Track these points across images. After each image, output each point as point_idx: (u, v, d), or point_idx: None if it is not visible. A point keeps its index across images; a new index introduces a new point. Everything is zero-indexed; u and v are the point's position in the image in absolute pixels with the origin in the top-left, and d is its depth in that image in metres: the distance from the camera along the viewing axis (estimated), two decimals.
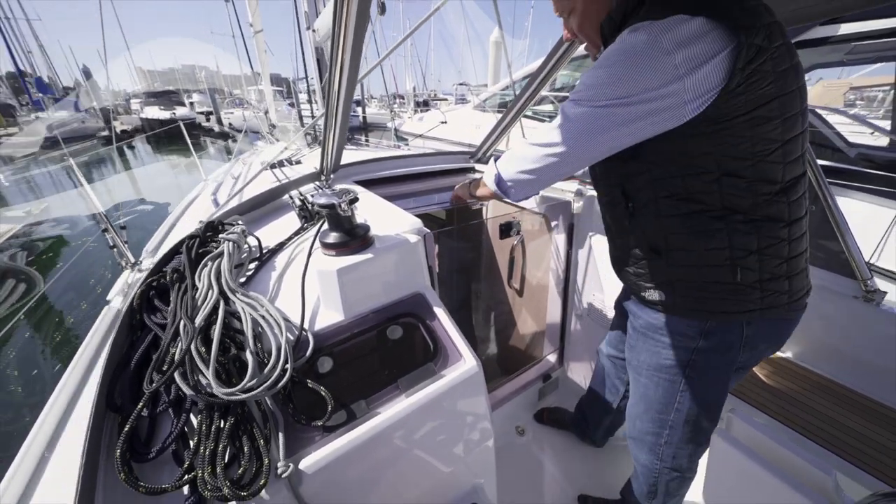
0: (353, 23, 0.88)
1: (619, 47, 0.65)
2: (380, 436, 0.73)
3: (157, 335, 0.74)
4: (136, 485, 0.56)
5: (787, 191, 0.70)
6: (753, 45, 0.60)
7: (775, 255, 0.71)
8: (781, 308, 0.75)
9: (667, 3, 0.63)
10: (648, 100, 0.64)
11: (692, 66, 0.60)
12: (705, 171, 0.68)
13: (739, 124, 0.64)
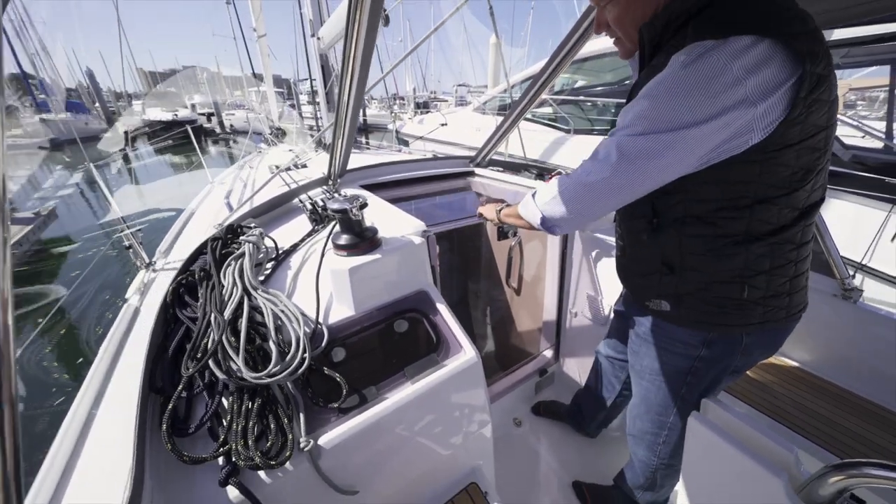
0: (363, 40, 0.97)
1: (686, 75, 0.59)
2: (389, 418, 0.81)
3: (189, 327, 0.82)
4: (180, 455, 0.64)
5: (805, 216, 0.70)
6: (815, 74, 0.58)
7: (782, 274, 0.73)
8: (779, 321, 0.78)
9: (722, 22, 0.59)
10: (719, 128, 0.59)
11: (761, 94, 0.57)
12: (742, 196, 0.67)
13: (788, 154, 0.63)
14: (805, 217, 0.70)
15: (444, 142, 6.52)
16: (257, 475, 0.68)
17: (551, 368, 1.83)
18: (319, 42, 2.68)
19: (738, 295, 0.74)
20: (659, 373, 0.93)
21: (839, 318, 1.36)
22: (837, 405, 1.23)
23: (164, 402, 0.71)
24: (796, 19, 0.59)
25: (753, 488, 0.77)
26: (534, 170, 2.06)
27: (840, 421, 1.16)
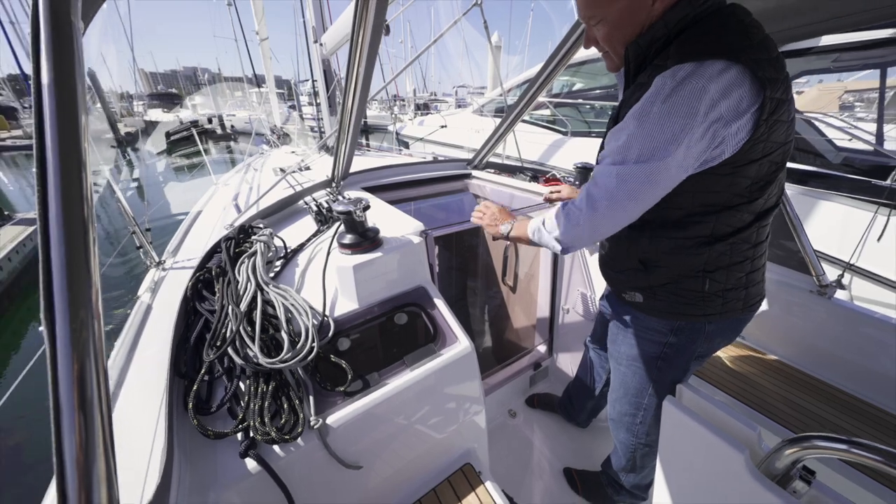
0: (367, 51, 1.05)
1: (670, 103, 0.64)
2: (390, 401, 0.89)
3: (208, 319, 0.90)
4: (205, 430, 0.72)
5: (761, 219, 0.79)
6: (775, 99, 0.65)
7: (739, 270, 0.82)
8: (736, 311, 0.87)
9: (700, 46, 0.65)
10: (702, 145, 0.66)
11: (734, 115, 0.64)
12: (711, 204, 0.75)
13: (752, 167, 0.71)
14: (760, 220, 0.79)
15: (444, 143, 6.60)
16: (272, 449, 0.76)
17: (545, 363, 1.91)
18: (322, 48, 2.76)
19: (700, 288, 0.83)
20: (634, 358, 1.02)
21: (813, 313, 1.44)
22: (806, 391, 1.32)
23: (187, 385, 0.79)
24: (761, 47, 0.66)
25: (720, 463, 0.85)
26: (528, 172, 2.14)
27: (805, 405, 1.24)
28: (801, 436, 0.72)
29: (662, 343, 0.94)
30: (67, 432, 0.35)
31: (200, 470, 0.72)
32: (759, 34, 0.68)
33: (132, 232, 1.87)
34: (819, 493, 0.75)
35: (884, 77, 3.59)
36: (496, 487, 1.03)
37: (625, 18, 0.74)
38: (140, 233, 1.75)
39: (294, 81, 11.73)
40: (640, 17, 0.73)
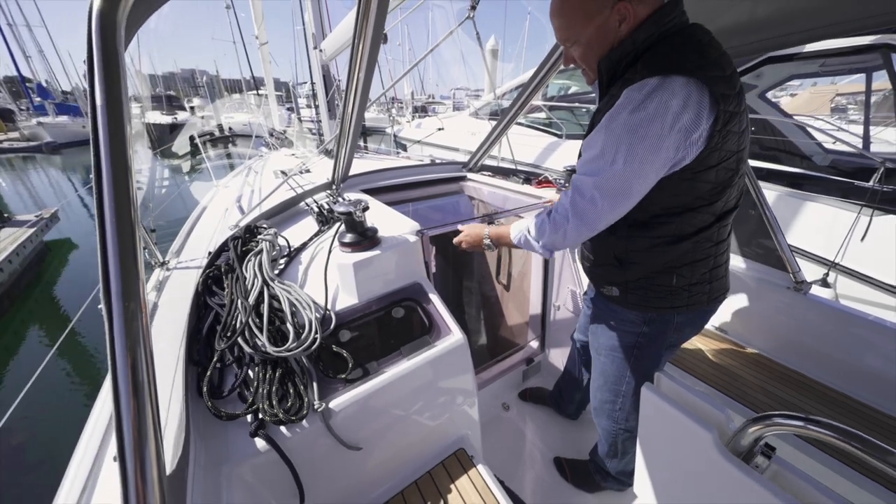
0: (366, 61, 1.12)
1: (637, 117, 0.71)
2: (388, 388, 0.96)
3: (218, 312, 0.97)
4: (218, 412, 0.79)
5: (721, 219, 0.87)
6: (728, 112, 0.73)
7: (702, 266, 0.90)
8: (702, 304, 0.95)
9: (664, 62, 0.72)
10: (668, 152, 0.73)
11: (694, 126, 0.72)
12: (675, 206, 0.83)
13: (710, 173, 0.78)
14: (721, 220, 0.87)
15: (441, 146, 6.69)
16: (279, 430, 0.82)
17: (537, 358, 1.98)
18: (321, 54, 2.84)
19: (669, 283, 0.92)
20: (612, 348, 1.10)
21: (789, 308, 1.52)
22: (780, 380, 1.40)
23: (200, 372, 0.86)
24: (717, 65, 0.74)
25: (691, 444, 0.92)
26: (521, 174, 2.22)
27: (779, 392, 1.33)
28: (762, 415, 0.80)
29: (637, 333, 1.02)
30: (125, 416, 0.42)
31: (213, 448, 0.79)
32: (716, 52, 0.76)
33: None
34: (779, 468, 0.82)
35: (869, 81, 3.68)
36: (488, 471, 1.10)
37: (595, 40, 0.82)
38: (145, 233, 1.81)
39: (292, 84, 11.83)
40: (609, 38, 0.81)
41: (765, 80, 3.96)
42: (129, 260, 0.45)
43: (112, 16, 0.46)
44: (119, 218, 0.44)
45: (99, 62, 0.44)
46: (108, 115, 0.44)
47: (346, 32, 2.36)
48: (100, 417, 0.83)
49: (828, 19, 0.98)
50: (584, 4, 0.79)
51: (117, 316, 0.43)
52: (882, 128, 4.32)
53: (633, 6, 0.76)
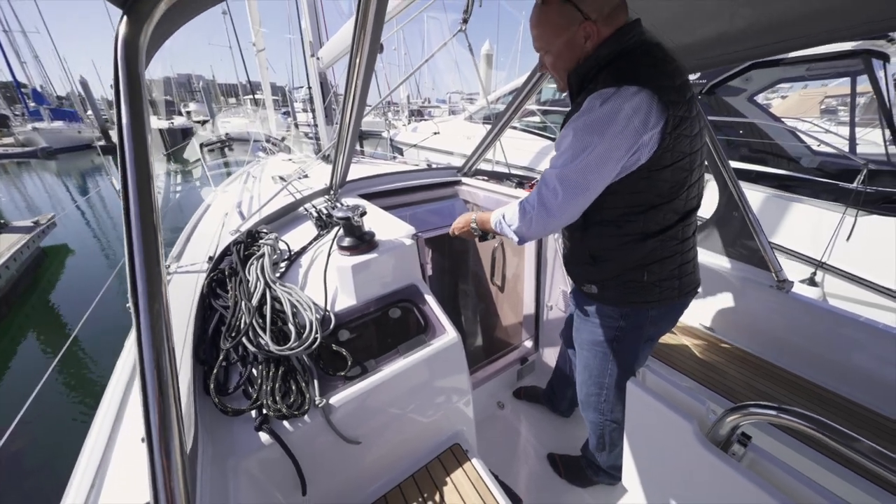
0: (364, 70, 1.17)
1: (594, 116, 0.81)
2: (385, 384, 1.01)
3: (222, 314, 1.01)
4: (225, 408, 0.83)
5: (685, 218, 0.96)
6: (677, 117, 0.83)
7: (671, 263, 0.99)
8: (673, 299, 1.03)
9: (620, 74, 0.83)
10: (621, 150, 0.82)
11: (644, 128, 0.81)
12: (638, 204, 0.92)
13: (665, 172, 0.88)
14: (684, 219, 0.96)
15: (437, 149, 6.75)
16: (282, 425, 0.87)
17: (531, 357, 2.03)
18: (319, 62, 2.90)
19: (641, 279, 0.99)
20: (594, 343, 1.16)
21: (771, 305, 1.58)
22: (762, 375, 1.46)
23: (206, 370, 0.90)
24: (667, 76, 0.84)
25: (674, 434, 0.97)
26: (514, 178, 2.28)
27: (760, 386, 1.39)
28: (738, 405, 0.85)
29: (615, 328, 1.09)
30: (153, 412, 0.47)
31: (220, 442, 0.83)
32: (669, 66, 0.86)
33: None
34: (755, 455, 0.88)
35: (854, 85, 3.78)
36: (482, 465, 1.14)
37: (564, 52, 0.92)
38: None
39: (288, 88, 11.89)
40: (576, 52, 0.91)
41: (753, 84, 4.06)
42: (153, 264, 0.49)
43: (135, 42, 0.51)
44: (143, 225, 0.49)
45: (124, 85, 0.49)
46: (133, 132, 0.49)
47: (342, 41, 2.42)
48: (110, 406, 0.88)
49: (801, 31, 1.05)
50: (555, 20, 0.90)
51: (143, 315, 0.48)
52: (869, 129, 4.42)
53: (597, 26, 0.86)
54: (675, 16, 1.17)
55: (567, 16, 0.87)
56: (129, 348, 1.13)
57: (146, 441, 0.46)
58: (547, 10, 0.90)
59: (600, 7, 0.85)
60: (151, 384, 0.47)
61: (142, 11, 0.53)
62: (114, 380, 0.99)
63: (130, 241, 0.49)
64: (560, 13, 0.88)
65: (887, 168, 3.13)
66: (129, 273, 0.48)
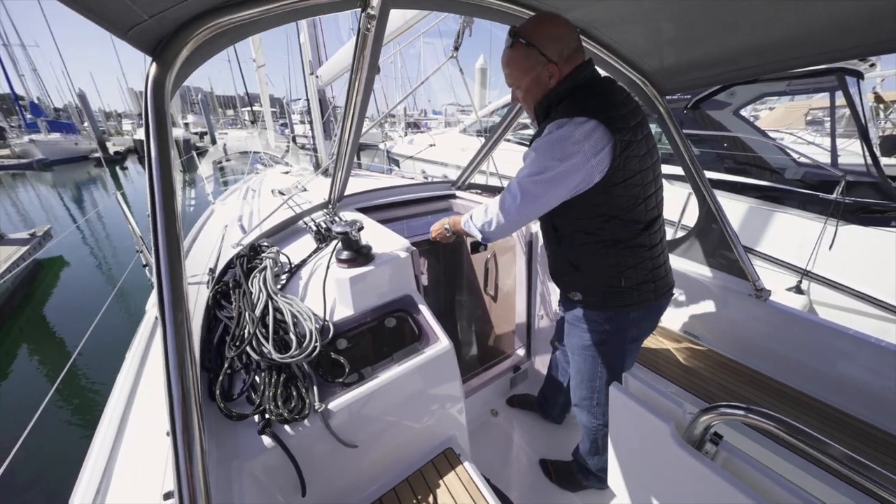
0: (363, 89, 1.26)
1: (551, 138, 0.96)
2: (381, 390, 1.06)
3: (227, 324, 1.07)
4: (230, 413, 0.88)
5: (648, 227, 1.07)
6: (624, 141, 0.96)
7: (642, 268, 1.09)
8: (651, 301, 1.13)
9: (574, 107, 0.97)
10: (573, 170, 0.95)
11: (594, 152, 0.94)
12: (601, 216, 1.04)
13: (619, 188, 1.00)
14: (648, 229, 1.07)
15: (433, 161, 6.88)
16: (284, 429, 0.92)
17: (524, 365, 2.08)
18: (318, 80, 3.00)
19: (619, 284, 1.09)
20: (583, 347, 1.23)
21: (750, 314, 1.66)
22: (742, 379, 1.53)
23: (212, 377, 0.96)
24: (613, 106, 0.98)
25: (653, 436, 1.03)
26: None
27: (739, 390, 1.45)
28: (710, 406, 0.92)
29: (601, 331, 1.17)
30: (178, 419, 0.54)
31: (224, 446, 0.88)
32: (616, 97, 1.01)
33: (138, 250, 2.02)
34: (727, 453, 0.94)
35: (832, 99, 3.94)
36: (474, 468, 1.19)
37: (532, 88, 1.07)
38: (146, 251, 1.90)
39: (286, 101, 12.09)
40: (542, 88, 1.06)
41: (737, 98, 4.23)
42: (177, 277, 0.56)
43: (162, 83, 0.59)
44: (169, 244, 0.56)
45: (153, 120, 0.57)
46: (160, 163, 0.57)
47: (341, 62, 2.53)
48: (116, 407, 0.94)
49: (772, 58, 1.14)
50: (522, 62, 1.04)
51: (169, 323, 0.54)
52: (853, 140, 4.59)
53: (558, 66, 1.01)
54: (651, 42, 1.27)
55: (533, 59, 1.01)
56: (131, 357, 1.18)
57: (171, 435, 0.51)
58: (515, 53, 1.04)
59: (560, 51, 1.00)
60: (176, 384, 0.53)
61: (168, 58, 0.60)
62: (116, 389, 1.04)
63: (158, 257, 0.55)
64: (527, 56, 1.02)
65: (865, 179, 3.25)
66: (157, 285, 0.55)
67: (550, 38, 1.00)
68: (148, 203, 0.56)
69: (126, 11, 0.53)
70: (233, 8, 0.68)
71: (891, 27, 0.91)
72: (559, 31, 1.00)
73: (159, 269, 0.55)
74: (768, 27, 1.01)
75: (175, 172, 0.59)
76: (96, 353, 4.07)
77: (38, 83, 32.23)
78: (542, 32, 1.00)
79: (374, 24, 1.00)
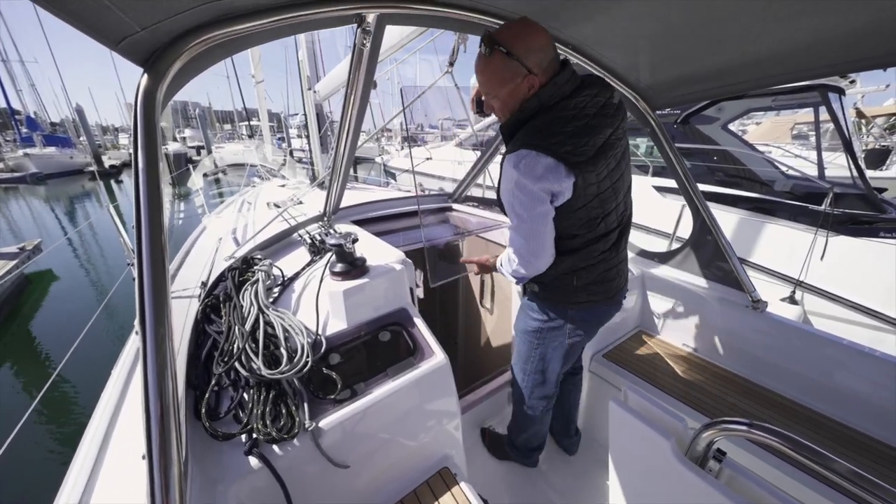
0: (358, 104, 1.27)
1: (512, 190, 1.00)
2: (374, 407, 1.03)
3: (216, 339, 1.04)
4: (216, 433, 0.85)
5: (605, 236, 1.12)
6: (582, 174, 0.98)
7: (593, 271, 1.15)
8: (599, 302, 1.20)
9: (533, 137, 0.98)
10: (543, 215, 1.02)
11: (555, 184, 0.97)
12: (561, 234, 1.09)
13: (580, 211, 1.05)
14: (605, 237, 1.12)
15: (429, 175, 6.94)
16: (272, 449, 0.88)
17: None
18: (315, 95, 3.04)
19: (571, 283, 1.15)
20: (523, 331, 1.34)
21: (747, 325, 1.65)
22: (741, 392, 1.51)
23: (198, 395, 0.92)
24: (574, 137, 0.97)
25: (654, 451, 1.01)
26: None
27: (739, 403, 1.43)
28: (712, 421, 0.89)
29: (541, 320, 1.26)
30: (155, 441, 0.51)
31: (209, 468, 0.84)
32: (578, 123, 0.98)
33: (130, 264, 1.99)
34: (731, 470, 0.91)
35: (817, 114, 4.05)
36: (471, 489, 1.15)
37: (509, 100, 1.04)
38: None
39: (284, 115, 12.23)
40: (518, 99, 1.02)
41: (725, 113, 4.35)
42: (160, 290, 0.54)
43: (153, 93, 0.59)
44: (153, 256, 0.54)
45: (142, 131, 0.56)
46: (147, 175, 0.56)
47: (338, 77, 2.56)
48: (98, 426, 0.90)
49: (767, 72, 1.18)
50: (501, 72, 0.99)
51: (150, 338, 0.52)
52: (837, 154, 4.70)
53: (538, 78, 0.98)
54: (642, 59, 1.30)
55: (513, 69, 0.97)
56: (117, 374, 1.14)
57: (147, 458, 0.48)
58: (493, 63, 0.98)
59: (540, 61, 0.97)
60: (154, 404, 0.50)
61: (160, 69, 0.60)
62: (99, 409, 1.00)
63: (141, 271, 0.53)
64: (506, 66, 0.97)
65: (852, 191, 3.32)
66: (139, 301, 0.53)
67: (531, 49, 0.95)
68: (133, 214, 0.54)
69: (118, 23, 0.53)
70: (227, 22, 0.68)
71: (870, 45, 0.94)
72: (540, 42, 0.96)
73: (142, 282, 0.53)
74: (754, 45, 1.04)
75: (163, 184, 0.58)
76: (82, 370, 3.96)
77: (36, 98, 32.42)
78: (523, 43, 0.95)
79: (370, 39, 1.02)
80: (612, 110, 1.04)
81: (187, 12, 0.60)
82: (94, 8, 0.48)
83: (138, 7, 0.52)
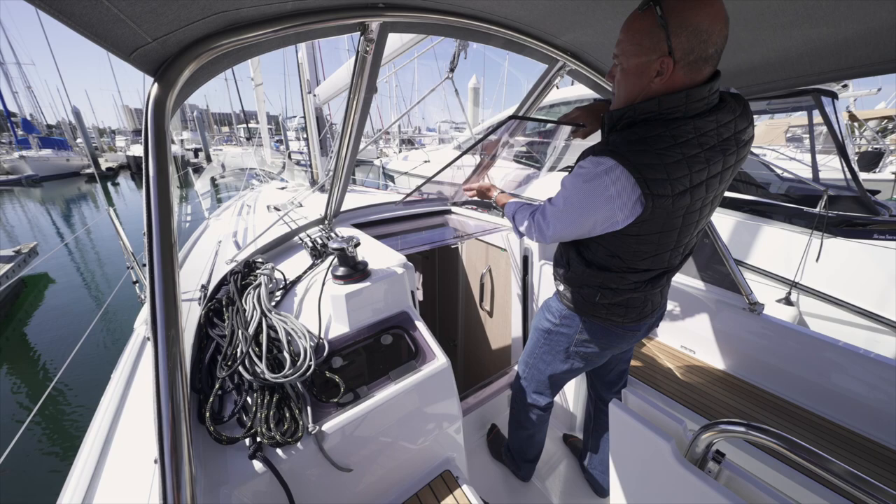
0: (360, 109, 1.28)
1: (583, 183, 0.87)
2: (377, 410, 1.04)
3: (219, 343, 1.04)
4: (220, 437, 0.85)
5: (638, 272, 1.03)
6: (654, 209, 0.84)
7: (620, 294, 1.08)
8: (616, 323, 1.13)
9: (627, 150, 0.82)
10: (596, 222, 0.90)
11: (622, 210, 0.85)
12: (605, 249, 1.01)
13: (631, 238, 0.94)
14: (643, 272, 1.03)
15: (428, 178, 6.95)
16: (276, 452, 0.88)
17: None
18: (315, 99, 3.06)
19: (594, 298, 1.12)
20: (536, 328, 1.34)
21: (745, 327, 1.67)
22: (739, 394, 1.53)
23: (202, 399, 0.92)
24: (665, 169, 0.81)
25: (654, 453, 1.02)
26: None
27: (737, 405, 1.45)
28: (710, 423, 0.91)
29: (553, 323, 1.25)
30: (167, 443, 0.52)
31: (213, 472, 0.84)
32: (681, 152, 0.82)
33: (128, 267, 1.99)
34: (730, 472, 0.92)
35: (811, 118, 4.10)
36: (473, 492, 1.15)
37: (632, 75, 0.86)
38: (137, 268, 1.86)
39: (282, 118, 12.25)
40: (643, 80, 0.84)
41: None
42: (171, 293, 0.55)
43: (163, 101, 0.60)
44: (164, 261, 0.55)
45: (153, 139, 0.57)
46: (158, 182, 0.57)
47: (338, 81, 2.58)
48: (99, 430, 0.91)
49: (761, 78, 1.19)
50: (641, 37, 0.80)
51: (161, 341, 0.52)
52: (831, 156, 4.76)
53: (675, 68, 0.79)
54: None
55: (655, 39, 0.78)
56: (117, 378, 1.14)
57: (159, 462, 0.49)
58: (640, 22, 0.80)
59: (688, 50, 0.76)
60: (166, 407, 0.51)
61: (170, 78, 0.61)
62: (100, 412, 1.00)
63: (153, 276, 0.54)
64: (650, 33, 0.78)
65: (846, 193, 3.36)
66: (150, 303, 0.53)
67: (691, 27, 0.74)
68: (144, 220, 0.55)
69: (131, 35, 0.54)
70: (235, 31, 0.69)
71: (861, 54, 0.97)
72: (707, 23, 0.74)
73: (153, 285, 0.54)
74: (747, 53, 1.07)
75: (173, 190, 0.59)
76: (81, 374, 3.94)
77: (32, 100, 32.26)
78: (685, 14, 0.74)
79: (373, 47, 1.03)
80: (736, 146, 0.88)
81: (197, 23, 0.61)
82: (109, 20, 0.50)
83: (151, 19, 0.53)
